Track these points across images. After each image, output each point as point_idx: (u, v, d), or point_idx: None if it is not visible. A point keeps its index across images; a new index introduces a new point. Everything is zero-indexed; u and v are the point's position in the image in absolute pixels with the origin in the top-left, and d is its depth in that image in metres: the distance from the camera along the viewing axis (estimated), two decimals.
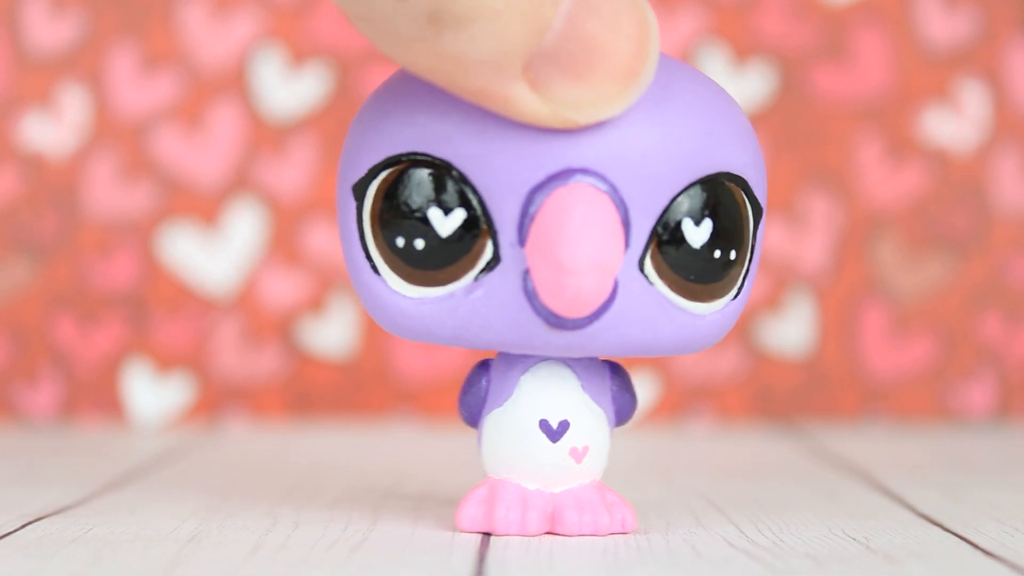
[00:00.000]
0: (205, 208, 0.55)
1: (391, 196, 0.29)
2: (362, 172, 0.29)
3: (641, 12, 0.27)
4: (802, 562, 0.28)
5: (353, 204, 0.30)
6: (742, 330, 0.55)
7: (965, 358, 0.56)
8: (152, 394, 0.55)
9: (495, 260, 0.28)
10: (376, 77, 0.55)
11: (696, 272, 0.29)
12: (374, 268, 0.30)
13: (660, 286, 0.29)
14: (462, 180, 0.28)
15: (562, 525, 0.30)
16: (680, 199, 0.29)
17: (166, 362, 0.55)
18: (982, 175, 0.56)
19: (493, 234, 0.28)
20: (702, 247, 0.29)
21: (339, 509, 0.34)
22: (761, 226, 0.30)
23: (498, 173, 0.28)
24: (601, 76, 0.26)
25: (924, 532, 0.31)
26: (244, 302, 0.55)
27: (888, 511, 0.34)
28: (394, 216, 0.29)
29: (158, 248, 0.55)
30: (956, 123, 0.56)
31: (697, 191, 0.29)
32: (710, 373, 0.56)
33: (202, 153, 0.55)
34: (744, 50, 0.56)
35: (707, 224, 0.29)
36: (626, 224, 0.28)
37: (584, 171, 0.28)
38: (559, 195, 0.28)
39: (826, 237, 0.56)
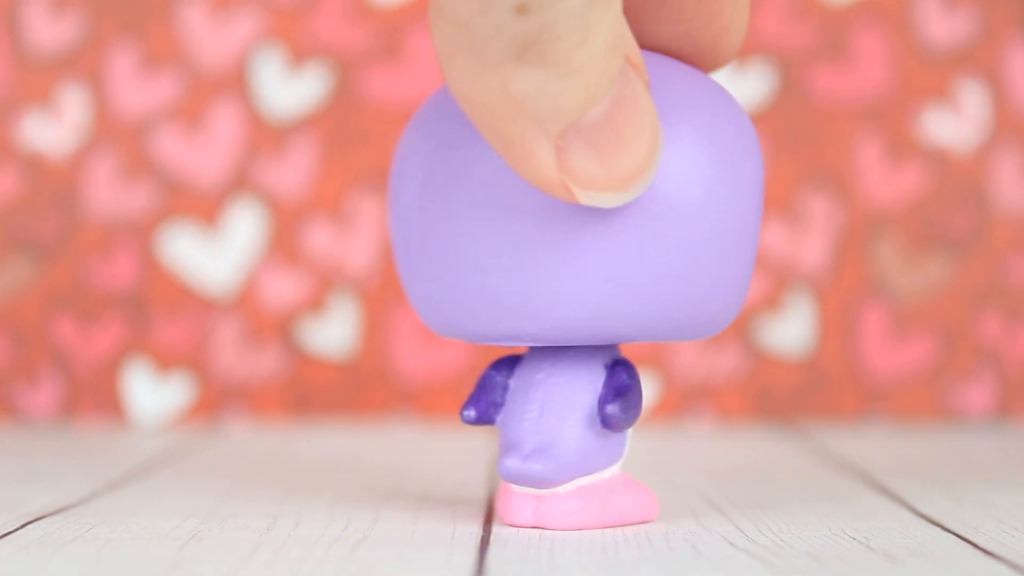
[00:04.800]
0: (205, 208, 0.55)
1: None
2: None
3: (658, 129, 0.27)
4: (802, 561, 0.28)
5: None
6: (742, 330, 0.55)
7: (965, 358, 0.56)
8: (152, 394, 0.55)
9: None
10: (376, 77, 0.55)
11: None
12: None
13: None
14: None
15: None
16: None
17: (166, 362, 0.55)
18: (982, 175, 0.56)
19: None
20: None
21: (339, 508, 0.34)
22: None
23: None
24: (618, 166, 0.27)
25: (924, 532, 0.31)
26: (244, 302, 0.55)
27: (888, 511, 0.34)
28: None
29: (158, 248, 0.55)
30: (956, 123, 0.56)
31: None
32: (710, 373, 0.56)
33: (202, 153, 0.55)
34: (744, 50, 0.56)
35: None
36: None
37: None
38: None
39: (826, 237, 0.56)
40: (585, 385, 0.31)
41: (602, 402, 0.30)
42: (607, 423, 0.30)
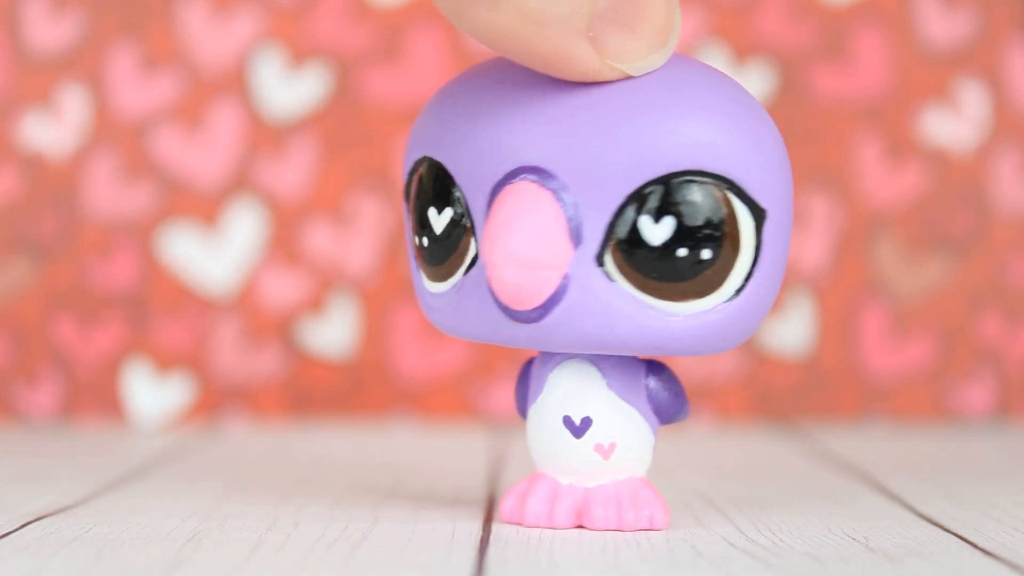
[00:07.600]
0: (205, 208, 0.55)
1: (411, 197, 0.31)
2: (405, 177, 0.31)
3: None
4: (802, 561, 0.28)
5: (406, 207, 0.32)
6: None
7: (964, 358, 0.56)
8: (152, 394, 0.55)
9: (477, 256, 0.30)
10: (376, 77, 0.55)
11: (659, 270, 0.29)
12: (416, 265, 0.32)
13: (623, 283, 0.29)
14: (451, 180, 0.30)
15: (589, 519, 0.31)
16: (636, 197, 0.29)
17: (166, 362, 0.55)
18: (982, 175, 0.56)
19: (474, 231, 0.30)
20: (662, 245, 0.29)
21: (339, 509, 0.34)
22: (771, 226, 0.30)
23: (473, 172, 0.29)
24: (646, 28, 0.28)
25: (924, 532, 0.31)
26: (244, 302, 0.55)
27: (888, 511, 0.34)
28: (413, 215, 0.31)
29: (158, 248, 0.55)
30: (956, 123, 0.56)
31: (658, 189, 0.29)
32: (710, 373, 0.56)
33: (202, 153, 0.55)
34: (744, 50, 0.56)
35: (668, 222, 0.29)
36: (573, 221, 0.29)
37: (533, 169, 0.29)
38: (503, 193, 0.29)
39: (826, 237, 0.56)
40: None
41: None
42: None
